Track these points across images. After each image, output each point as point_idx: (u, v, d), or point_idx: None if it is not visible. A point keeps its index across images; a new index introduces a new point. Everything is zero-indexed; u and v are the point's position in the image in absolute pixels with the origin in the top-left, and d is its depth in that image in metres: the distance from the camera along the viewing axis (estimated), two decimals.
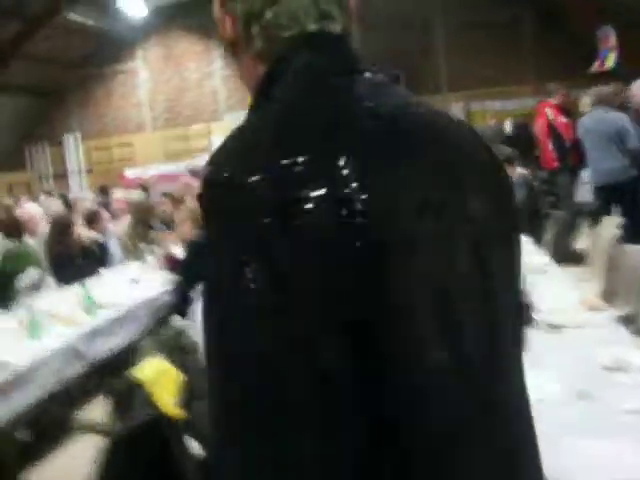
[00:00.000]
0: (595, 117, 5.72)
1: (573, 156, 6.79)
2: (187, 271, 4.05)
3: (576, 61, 9.78)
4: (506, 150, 5.83)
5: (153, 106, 13.94)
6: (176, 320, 3.51)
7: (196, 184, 7.02)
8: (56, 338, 3.34)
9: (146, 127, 14.04)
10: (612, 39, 8.96)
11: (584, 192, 6.77)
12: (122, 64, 13.97)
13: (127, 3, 11.53)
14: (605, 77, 7.76)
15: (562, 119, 7.05)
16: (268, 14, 0.72)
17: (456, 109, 11.16)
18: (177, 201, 6.28)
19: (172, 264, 4.41)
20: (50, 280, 4.93)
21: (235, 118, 13.02)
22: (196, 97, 13.51)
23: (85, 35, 12.89)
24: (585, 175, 6.63)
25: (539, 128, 7.27)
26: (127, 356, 3.48)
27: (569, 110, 7.24)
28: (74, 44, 13.02)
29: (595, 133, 5.68)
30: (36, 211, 5.38)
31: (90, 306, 3.61)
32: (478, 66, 11.62)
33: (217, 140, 12.93)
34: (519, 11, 11.57)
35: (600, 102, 5.73)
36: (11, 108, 13.20)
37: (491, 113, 10.96)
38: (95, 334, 3.46)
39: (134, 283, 4.38)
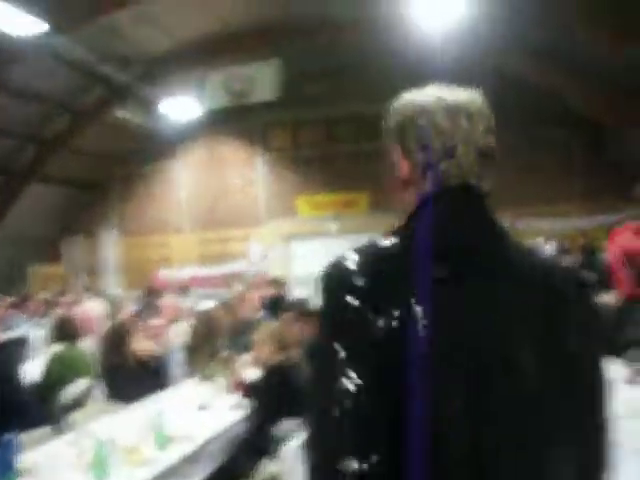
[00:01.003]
0: None
1: None
2: (266, 397, 3.55)
3: (619, 184, 9.58)
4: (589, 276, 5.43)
5: (192, 208, 13.78)
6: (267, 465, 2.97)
7: (253, 296, 6.61)
8: None
9: (184, 228, 13.81)
10: None
11: None
12: (165, 163, 13.97)
13: (173, 107, 11.55)
14: None
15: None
16: (443, 165, 0.97)
17: None
18: (232, 310, 5.84)
19: (244, 389, 3.91)
20: (98, 393, 4.42)
21: (274, 225, 12.81)
22: (237, 202, 13.37)
23: (130, 133, 12.96)
24: None
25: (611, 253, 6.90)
26: None
27: None
28: (119, 141, 13.08)
29: None
30: (94, 310, 4.94)
31: (163, 442, 3.05)
32: (526, 184, 11.47)
33: (254, 246, 12.67)
34: (570, 131, 11.56)
35: None
36: (50, 199, 13.13)
37: (535, 231, 10.74)
38: (167, 475, 2.88)
39: (202, 409, 3.81)
